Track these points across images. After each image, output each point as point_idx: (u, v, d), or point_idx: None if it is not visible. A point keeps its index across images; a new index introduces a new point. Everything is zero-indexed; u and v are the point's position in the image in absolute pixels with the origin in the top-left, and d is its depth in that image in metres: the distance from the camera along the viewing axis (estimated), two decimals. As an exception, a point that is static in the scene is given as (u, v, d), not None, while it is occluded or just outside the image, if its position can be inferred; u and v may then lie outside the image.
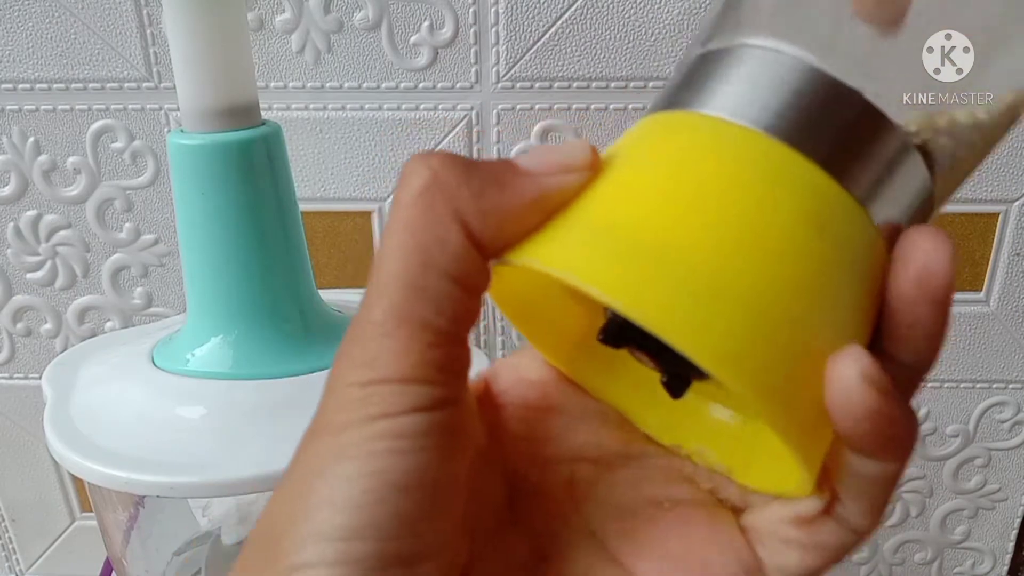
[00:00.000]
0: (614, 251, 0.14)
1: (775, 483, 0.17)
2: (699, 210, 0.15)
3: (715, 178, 0.15)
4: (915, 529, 0.57)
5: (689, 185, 0.15)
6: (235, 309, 0.33)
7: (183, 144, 0.31)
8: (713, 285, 0.14)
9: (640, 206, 0.15)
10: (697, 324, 0.14)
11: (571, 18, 0.44)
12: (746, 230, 0.14)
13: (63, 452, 0.30)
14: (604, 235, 0.15)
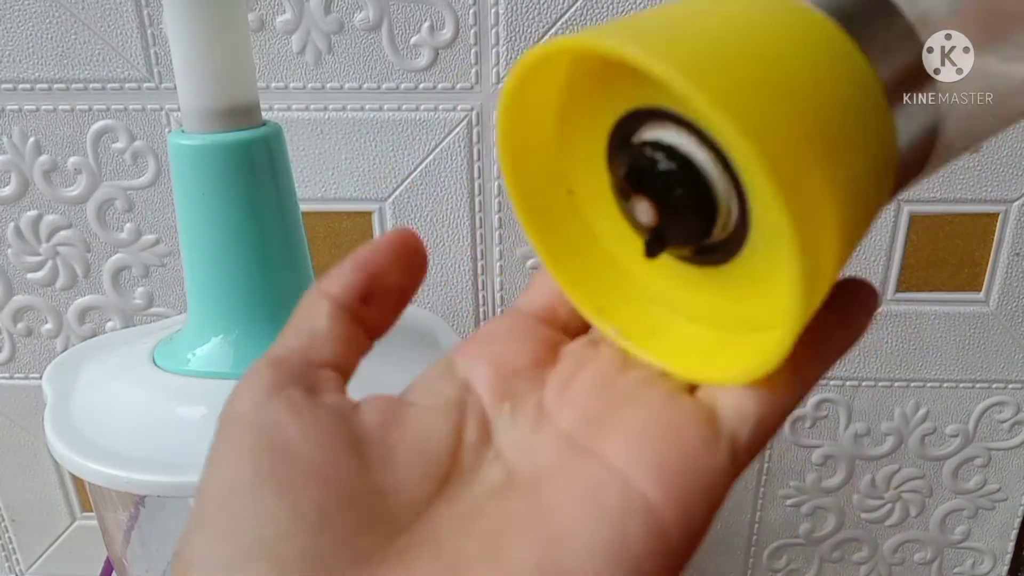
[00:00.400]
0: (649, 33, 0.15)
1: (730, 376, 0.18)
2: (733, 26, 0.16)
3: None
4: (915, 529, 0.57)
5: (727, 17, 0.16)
6: (235, 309, 0.33)
7: (184, 144, 0.31)
8: (740, 63, 0.15)
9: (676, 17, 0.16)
10: (728, 91, 0.14)
11: (571, 18, 0.44)
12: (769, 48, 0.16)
13: (63, 452, 0.30)
14: (647, 29, 0.16)
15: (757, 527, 0.57)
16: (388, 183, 0.48)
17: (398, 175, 0.48)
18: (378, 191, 0.48)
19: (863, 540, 0.58)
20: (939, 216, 0.48)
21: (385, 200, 0.49)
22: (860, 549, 0.58)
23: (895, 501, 0.56)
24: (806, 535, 0.58)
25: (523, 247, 0.49)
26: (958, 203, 0.47)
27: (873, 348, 0.51)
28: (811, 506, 0.56)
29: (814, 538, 0.58)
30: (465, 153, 0.47)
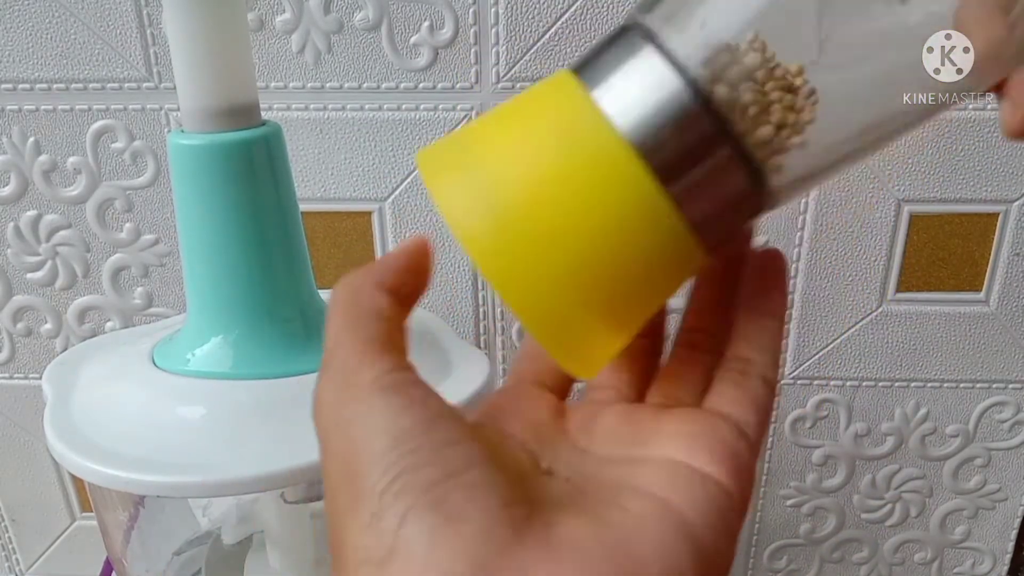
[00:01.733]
0: (472, 196, 0.18)
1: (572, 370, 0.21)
2: (539, 180, 0.18)
3: (559, 163, 0.18)
4: (915, 529, 0.57)
5: (544, 161, 0.18)
6: (235, 309, 0.33)
7: (183, 144, 0.31)
8: (523, 228, 0.18)
9: (508, 167, 0.18)
10: (497, 253, 0.18)
11: (571, 18, 0.44)
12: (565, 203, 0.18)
13: (63, 452, 0.30)
14: (473, 179, 0.18)
15: (757, 527, 0.57)
16: (388, 183, 0.48)
17: (398, 175, 0.48)
18: (378, 191, 0.48)
19: (863, 540, 0.58)
20: (939, 216, 0.48)
21: (385, 200, 0.49)
22: (860, 549, 0.58)
23: (895, 501, 0.56)
24: (806, 535, 0.58)
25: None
26: (958, 203, 0.47)
27: (873, 348, 0.51)
28: (811, 506, 0.56)
29: (814, 538, 0.58)
30: (465, 153, 0.47)
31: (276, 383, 0.32)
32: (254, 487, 0.29)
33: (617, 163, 0.17)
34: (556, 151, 0.18)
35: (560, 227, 0.18)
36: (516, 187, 0.18)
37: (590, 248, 0.18)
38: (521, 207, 0.18)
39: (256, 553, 0.40)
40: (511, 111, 0.19)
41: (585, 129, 0.18)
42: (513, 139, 0.18)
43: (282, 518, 0.37)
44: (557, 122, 0.18)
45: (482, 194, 0.18)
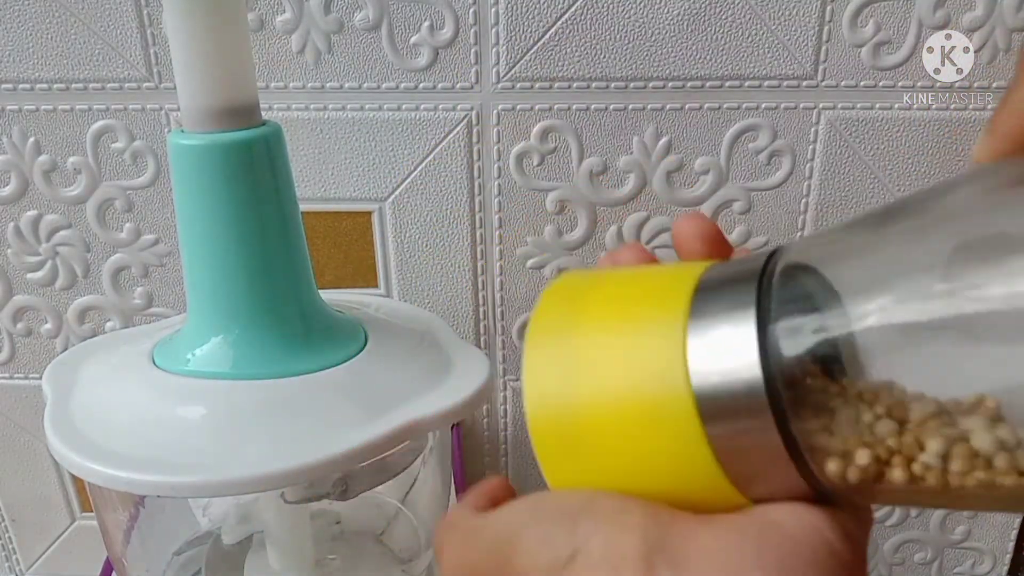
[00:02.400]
0: (554, 383, 0.19)
1: None
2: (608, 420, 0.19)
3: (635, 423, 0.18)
4: (915, 529, 0.57)
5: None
6: (235, 309, 0.33)
7: (183, 144, 0.31)
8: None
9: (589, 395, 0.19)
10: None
11: (571, 18, 0.44)
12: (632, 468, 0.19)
13: (63, 452, 0.30)
14: (562, 369, 0.19)
15: (757, 527, 0.57)
16: (388, 183, 0.48)
17: (398, 175, 0.48)
18: (378, 191, 0.48)
19: (863, 540, 0.58)
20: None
21: (385, 200, 0.49)
22: (860, 549, 0.58)
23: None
24: (806, 535, 0.58)
25: (523, 247, 0.49)
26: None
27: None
28: (811, 506, 0.56)
29: (814, 538, 0.58)
30: (465, 153, 0.47)
31: (276, 383, 0.32)
32: (254, 487, 0.29)
33: (676, 414, 0.17)
34: (635, 382, 0.18)
35: (614, 448, 0.18)
36: (592, 397, 0.19)
37: (637, 469, 0.18)
38: (589, 417, 0.19)
39: (256, 553, 0.40)
40: (621, 307, 0.19)
41: (666, 374, 0.18)
42: (608, 345, 0.19)
43: (282, 518, 0.37)
44: (648, 351, 0.18)
45: (562, 388, 0.19)
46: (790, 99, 0.45)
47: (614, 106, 0.46)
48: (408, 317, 0.40)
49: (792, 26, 0.44)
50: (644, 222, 0.48)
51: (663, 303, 0.18)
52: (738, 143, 0.46)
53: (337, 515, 0.43)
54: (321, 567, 0.40)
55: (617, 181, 0.48)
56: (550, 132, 0.46)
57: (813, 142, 0.46)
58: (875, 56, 0.44)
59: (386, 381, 0.33)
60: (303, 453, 0.29)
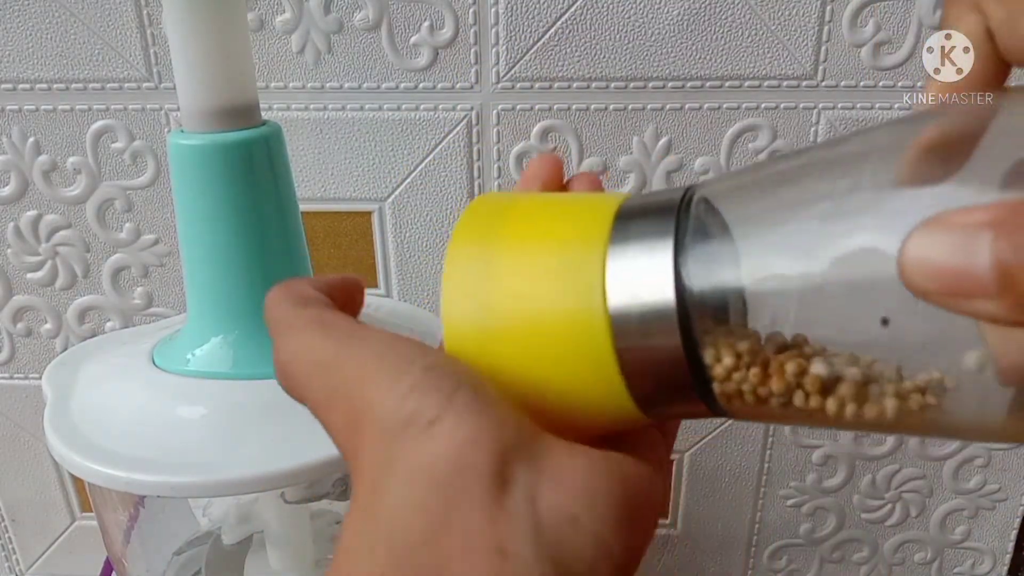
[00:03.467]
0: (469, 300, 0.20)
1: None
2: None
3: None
4: (915, 529, 0.57)
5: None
6: (235, 309, 0.33)
7: (183, 144, 0.31)
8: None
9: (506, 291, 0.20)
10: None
11: (571, 18, 0.44)
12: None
13: (63, 452, 0.30)
14: (478, 287, 0.20)
15: (758, 527, 0.57)
16: (388, 183, 0.48)
17: (398, 175, 0.48)
18: (378, 191, 0.48)
19: (863, 540, 0.58)
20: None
21: (385, 200, 0.49)
22: (860, 549, 0.58)
23: (895, 501, 0.56)
24: (806, 535, 0.58)
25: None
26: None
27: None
28: (812, 506, 0.56)
29: (814, 538, 0.58)
30: (465, 153, 0.47)
31: (276, 383, 0.32)
32: (254, 487, 0.29)
33: (591, 332, 0.18)
34: (553, 289, 0.19)
35: (523, 358, 0.19)
36: (509, 311, 0.19)
37: (543, 379, 0.19)
38: (504, 327, 0.19)
39: (256, 553, 0.40)
40: (543, 228, 0.20)
41: (584, 292, 0.19)
42: (528, 263, 0.19)
43: (282, 518, 0.37)
44: (568, 269, 0.19)
45: (481, 297, 0.20)
46: (790, 99, 0.45)
47: (614, 106, 0.46)
48: (408, 317, 0.40)
49: (792, 26, 0.44)
50: (644, 222, 0.48)
51: (584, 227, 0.19)
52: (738, 143, 0.46)
53: (337, 515, 0.43)
54: (321, 567, 0.40)
55: (617, 181, 0.48)
56: (550, 132, 0.46)
57: (813, 142, 0.46)
58: (875, 56, 0.44)
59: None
60: (303, 453, 0.29)
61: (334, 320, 0.20)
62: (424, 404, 0.17)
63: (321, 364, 0.19)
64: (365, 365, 0.18)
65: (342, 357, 0.19)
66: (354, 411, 0.18)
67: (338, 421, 0.19)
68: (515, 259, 0.19)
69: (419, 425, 0.17)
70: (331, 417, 0.19)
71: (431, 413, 0.17)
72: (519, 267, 0.19)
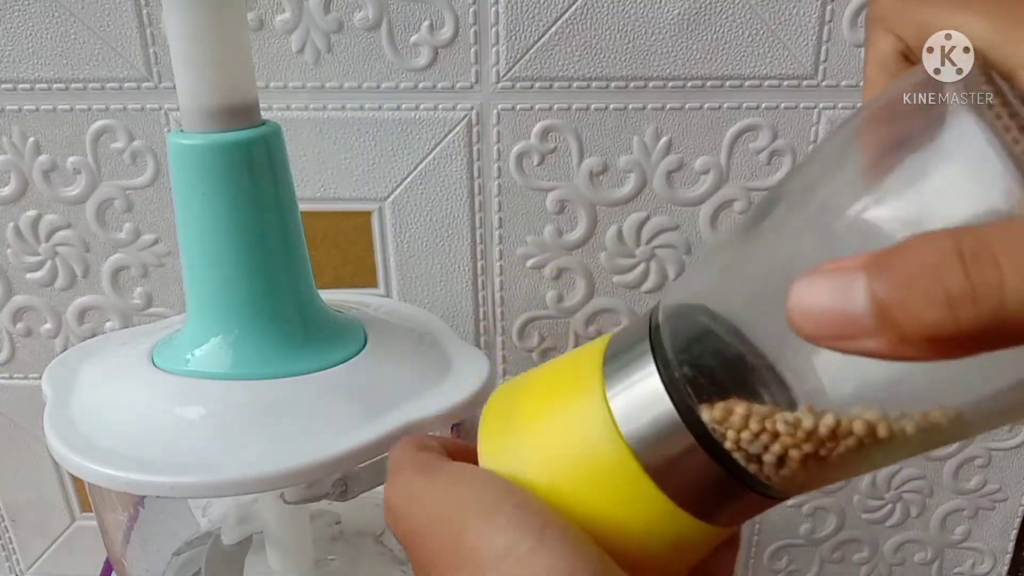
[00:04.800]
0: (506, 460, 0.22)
1: None
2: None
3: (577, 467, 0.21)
4: (915, 529, 0.57)
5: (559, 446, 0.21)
6: (235, 309, 0.33)
7: (183, 144, 0.31)
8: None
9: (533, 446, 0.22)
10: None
11: (571, 18, 0.44)
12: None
13: (63, 452, 0.30)
14: (509, 448, 0.22)
15: (758, 527, 0.57)
16: (388, 183, 0.48)
17: (398, 175, 0.48)
18: (378, 191, 0.48)
19: (864, 540, 0.58)
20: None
21: (385, 200, 0.49)
22: (861, 549, 0.58)
23: (896, 501, 0.56)
24: (807, 536, 0.58)
25: (523, 247, 0.49)
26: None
27: (873, 348, 0.51)
28: (812, 506, 0.56)
29: (815, 539, 0.58)
30: (465, 153, 0.47)
31: (276, 383, 0.32)
32: (254, 487, 0.29)
33: (621, 467, 0.20)
34: (575, 450, 0.20)
35: (573, 501, 0.20)
36: (540, 473, 0.21)
37: (599, 526, 0.20)
38: (544, 479, 0.21)
39: (256, 553, 0.40)
40: (549, 396, 0.22)
41: (600, 436, 0.20)
42: (545, 429, 0.21)
43: (282, 518, 0.37)
44: (580, 420, 0.21)
45: (511, 462, 0.21)
46: (790, 99, 0.45)
47: (614, 106, 0.46)
48: (408, 317, 0.40)
49: (792, 26, 0.44)
50: (644, 222, 0.48)
51: (581, 383, 0.21)
52: (738, 143, 0.46)
53: (337, 515, 0.43)
54: (321, 567, 0.40)
55: (617, 181, 0.48)
56: (550, 132, 0.46)
57: (813, 142, 0.46)
58: (875, 56, 0.44)
59: (386, 381, 0.33)
60: (303, 453, 0.29)
61: (438, 462, 0.22)
62: (519, 536, 0.18)
63: (416, 498, 0.21)
64: (460, 497, 0.20)
65: (438, 490, 0.20)
66: (452, 538, 0.19)
67: (434, 548, 0.20)
68: (535, 433, 0.21)
69: (516, 555, 0.18)
70: (426, 544, 0.20)
71: (528, 544, 0.18)
72: (541, 439, 0.21)
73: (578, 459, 0.20)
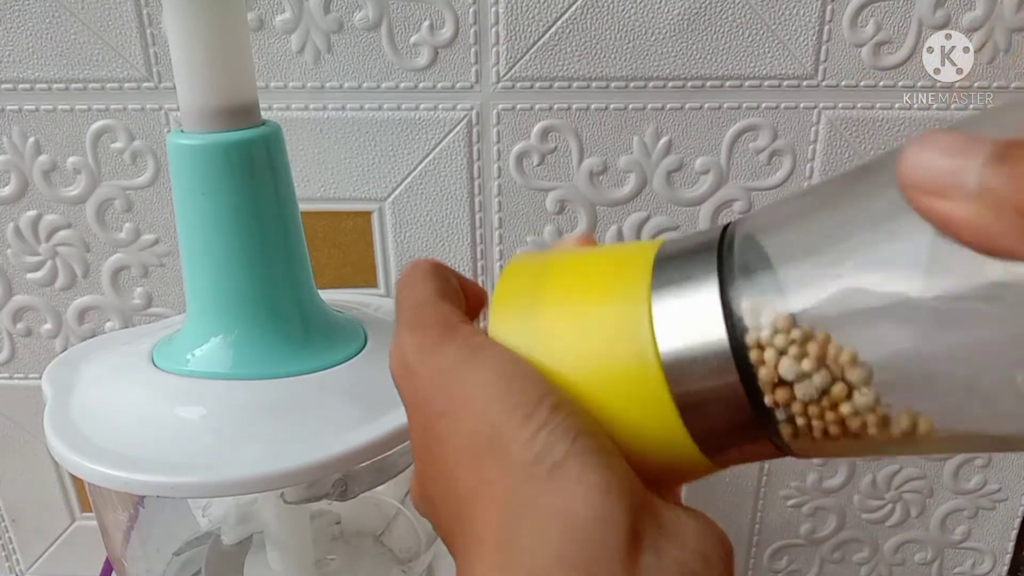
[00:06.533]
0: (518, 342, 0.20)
1: None
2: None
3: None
4: (915, 529, 0.57)
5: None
6: (235, 309, 0.33)
7: (183, 144, 0.31)
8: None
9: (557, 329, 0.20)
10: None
11: (571, 18, 0.44)
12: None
13: (63, 452, 0.30)
14: (526, 331, 0.20)
15: (758, 528, 0.57)
16: (388, 183, 0.48)
17: (398, 175, 0.48)
18: (378, 191, 0.48)
19: (864, 540, 0.58)
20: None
21: (385, 200, 0.49)
22: (861, 549, 0.58)
23: (896, 501, 0.56)
24: (807, 536, 0.58)
25: (523, 247, 0.49)
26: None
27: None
28: (812, 506, 0.56)
29: (815, 539, 0.58)
30: (465, 153, 0.47)
31: (276, 383, 0.32)
32: (254, 487, 0.29)
33: (647, 382, 0.18)
34: (603, 342, 0.19)
35: (585, 407, 0.19)
36: (559, 365, 0.19)
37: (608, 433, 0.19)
38: (558, 379, 0.19)
39: (256, 553, 0.40)
40: (584, 282, 0.20)
41: (634, 341, 0.18)
42: (574, 316, 0.19)
43: (282, 518, 0.37)
44: (616, 318, 0.19)
45: (527, 343, 0.19)
46: (790, 99, 0.45)
47: (614, 106, 0.46)
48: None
49: (792, 26, 0.44)
50: (644, 222, 0.48)
51: (625, 275, 0.19)
52: (738, 143, 0.46)
53: (337, 515, 0.43)
54: (321, 567, 0.40)
55: (617, 181, 0.48)
56: (550, 132, 0.46)
57: (813, 142, 0.46)
58: (875, 56, 0.44)
59: (386, 381, 0.33)
60: (303, 453, 0.29)
61: (462, 327, 0.20)
62: (551, 445, 0.17)
63: (445, 372, 0.19)
64: (491, 385, 0.18)
65: (466, 370, 0.19)
66: (479, 435, 0.18)
67: (462, 432, 0.18)
68: (562, 320, 0.19)
69: (545, 465, 0.17)
70: (443, 425, 0.19)
71: (557, 455, 0.17)
72: (567, 327, 0.19)
73: (604, 365, 0.18)
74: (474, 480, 0.18)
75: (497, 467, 0.17)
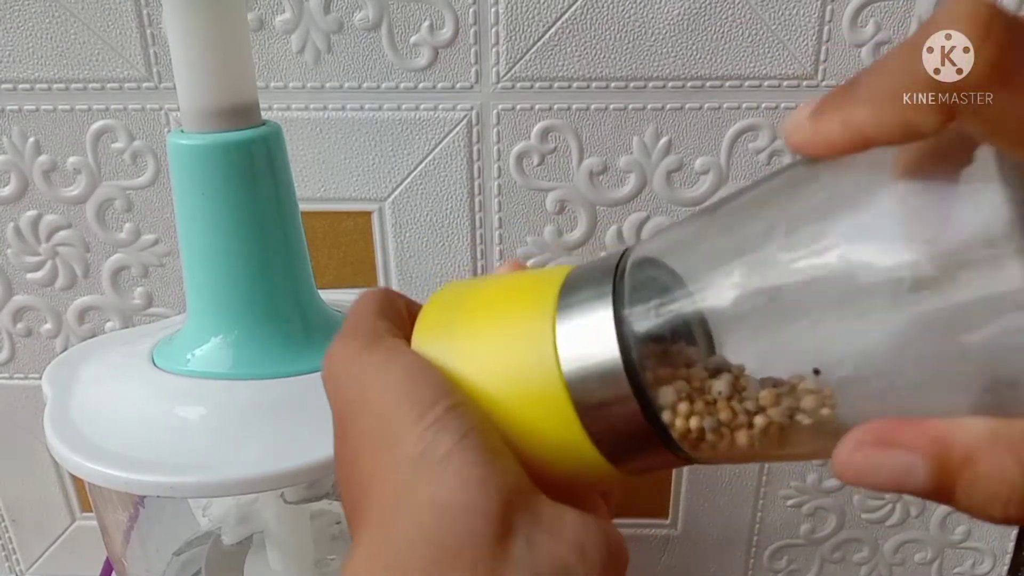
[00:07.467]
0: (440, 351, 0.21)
1: None
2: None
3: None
4: (915, 529, 0.57)
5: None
6: (235, 309, 0.33)
7: (183, 144, 0.31)
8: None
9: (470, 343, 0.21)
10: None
11: (571, 18, 0.44)
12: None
13: (63, 452, 0.30)
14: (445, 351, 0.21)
15: (758, 528, 0.57)
16: (388, 183, 0.48)
17: (398, 175, 0.48)
18: (378, 191, 0.48)
19: (864, 540, 0.58)
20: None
21: (385, 200, 0.49)
22: (861, 549, 0.58)
23: (896, 501, 0.56)
24: (807, 536, 0.58)
25: (523, 247, 0.49)
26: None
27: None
28: (812, 506, 0.56)
29: (815, 539, 0.58)
30: (465, 153, 0.47)
31: (276, 383, 0.32)
32: (254, 487, 0.29)
33: (552, 400, 0.20)
34: (512, 361, 0.20)
35: (497, 416, 0.20)
36: (471, 368, 0.21)
37: (519, 443, 0.20)
38: (471, 390, 0.20)
39: (256, 553, 0.40)
40: (496, 307, 0.21)
41: (539, 362, 0.20)
42: (485, 334, 0.21)
43: (282, 518, 0.37)
44: (523, 330, 0.20)
45: (442, 353, 0.21)
46: (790, 99, 0.45)
47: (614, 106, 0.46)
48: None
49: (792, 26, 0.44)
50: (644, 222, 0.48)
51: (536, 293, 0.21)
52: (738, 143, 0.46)
53: (337, 515, 0.43)
54: (321, 567, 0.40)
55: (617, 181, 0.48)
56: (550, 132, 0.46)
57: (813, 142, 0.46)
58: (875, 56, 0.44)
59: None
60: (303, 453, 0.29)
61: (387, 338, 0.22)
62: (438, 441, 0.18)
63: (363, 374, 0.20)
64: (397, 386, 0.20)
65: (381, 373, 0.20)
66: (381, 424, 0.19)
67: (363, 427, 0.20)
68: (475, 331, 0.21)
69: (431, 459, 0.18)
70: (357, 420, 0.20)
71: (442, 451, 0.18)
72: (479, 338, 0.21)
73: (511, 376, 0.20)
74: (371, 470, 0.19)
75: (390, 459, 0.19)
